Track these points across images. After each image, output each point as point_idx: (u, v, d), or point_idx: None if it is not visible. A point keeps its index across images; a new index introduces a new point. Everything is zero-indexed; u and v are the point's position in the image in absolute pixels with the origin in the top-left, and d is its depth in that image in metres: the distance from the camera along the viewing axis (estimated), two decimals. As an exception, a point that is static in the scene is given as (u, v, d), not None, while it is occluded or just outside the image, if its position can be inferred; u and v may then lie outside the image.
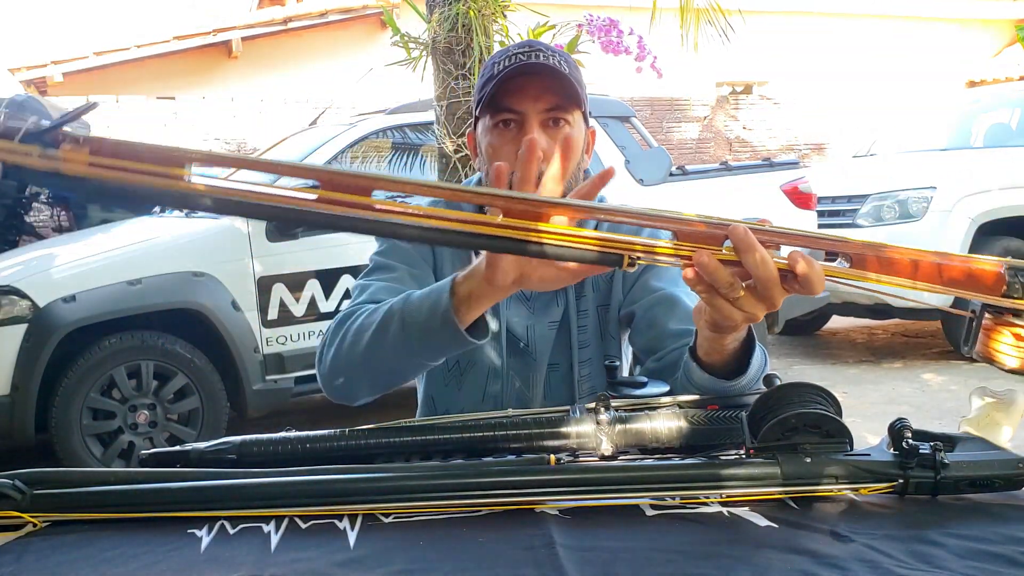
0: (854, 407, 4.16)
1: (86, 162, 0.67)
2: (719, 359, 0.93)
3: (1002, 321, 0.76)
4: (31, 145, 0.66)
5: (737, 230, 0.74)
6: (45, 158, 0.66)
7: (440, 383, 1.28)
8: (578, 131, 1.18)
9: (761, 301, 0.77)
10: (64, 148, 0.66)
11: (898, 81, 11.24)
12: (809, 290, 0.75)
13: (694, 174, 4.94)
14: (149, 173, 0.68)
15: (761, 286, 0.76)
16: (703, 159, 9.43)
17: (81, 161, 0.67)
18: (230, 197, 0.69)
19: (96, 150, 0.67)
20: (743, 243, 0.74)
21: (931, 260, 0.75)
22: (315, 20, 9.21)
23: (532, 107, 1.13)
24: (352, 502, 0.77)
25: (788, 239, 0.77)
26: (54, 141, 0.66)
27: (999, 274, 0.75)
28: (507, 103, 1.14)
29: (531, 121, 1.13)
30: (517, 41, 1.52)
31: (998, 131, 5.92)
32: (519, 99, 1.13)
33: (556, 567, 0.65)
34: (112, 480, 0.80)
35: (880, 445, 0.81)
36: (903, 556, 0.66)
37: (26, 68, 8.59)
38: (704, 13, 2.78)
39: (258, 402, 3.85)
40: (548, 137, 1.13)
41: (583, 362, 1.24)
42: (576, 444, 0.86)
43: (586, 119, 1.21)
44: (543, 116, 1.14)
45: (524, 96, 1.13)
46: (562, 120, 1.15)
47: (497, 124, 1.16)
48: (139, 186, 0.68)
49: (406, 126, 4.36)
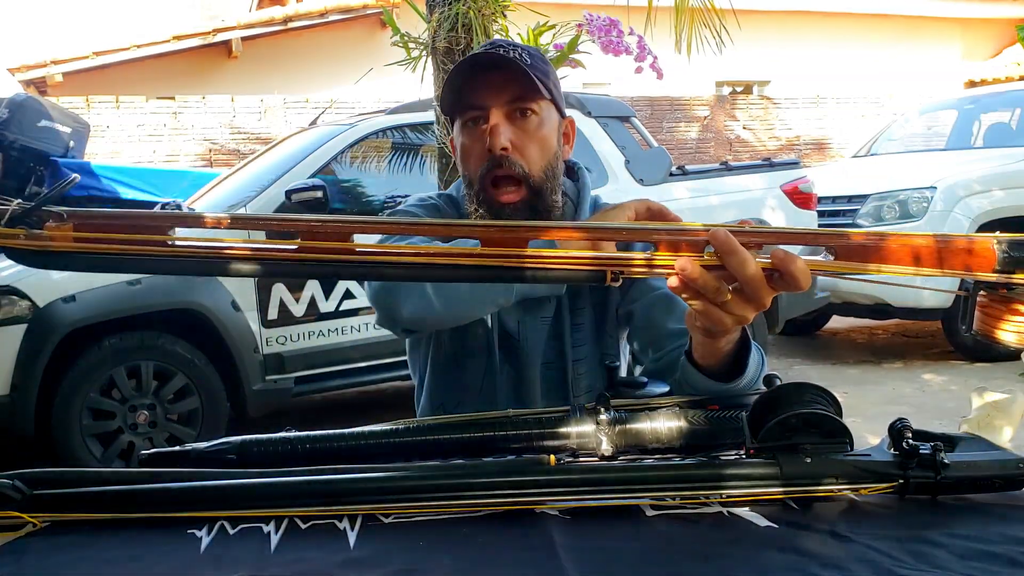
0: (854, 407, 4.16)
1: (72, 238, 0.69)
2: (715, 362, 0.93)
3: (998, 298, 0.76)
4: (17, 228, 0.68)
5: (717, 235, 0.74)
6: (32, 238, 0.68)
7: (436, 379, 1.29)
8: (549, 121, 1.18)
9: (749, 302, 0.77)
10: (49, 227, 0.68)
11: (898, 81, 11.24)
12: (796, 286, 0.75)
13: (694, 174, 4.94)
14: (134, 243, 0.70)
15: (747, 287, 0.76)
16: (703, 159, 9.43)
17: (67, 238, 0.69)
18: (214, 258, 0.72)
19: (80, 225, 0.69)
20: (724, 247, 0.74)
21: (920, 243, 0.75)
22: (315, 20, 9.21)
23: (495, 99, 1.14)
24: (352, 502, 0.77)
25: (769, 238, 0.76)
26: (39, 220, 0.68)
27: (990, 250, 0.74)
28: (470, 100, 1.15)
29: (495, 115, 1.14)
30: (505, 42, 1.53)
31: (998, 131, 5.92)
32: (481, 94, 1.14)
33: (556, 567, 0.65)
34: (112, 480, 0.80)
35: (880, 445, 0.81)
36: (903, 556, 0.66)
37: (26, 68, 8.59)
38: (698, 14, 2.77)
39: (258, 402, 3.85)
40: (516, 128, 1.14)
41: (580, 360, 1.24)
42: (576, 444, 0.86)
43: (560, 110, 1.21)
44: (507, 108, 1.14)
45: (487, 91, 1.14)
46: (528, 111, 1.15)
47: (466, 123, 1.17)
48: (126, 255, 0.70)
49: (406, 126, 4.36)
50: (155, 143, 8.09)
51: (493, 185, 1.15)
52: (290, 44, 9.35)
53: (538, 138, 1.16)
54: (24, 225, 0.68)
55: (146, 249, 0.70)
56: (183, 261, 0.72)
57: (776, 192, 4.87)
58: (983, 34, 12.09)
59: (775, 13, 10.66)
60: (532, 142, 1.15)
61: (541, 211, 1.16)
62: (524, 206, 1.15)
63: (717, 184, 4.89)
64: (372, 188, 4.43)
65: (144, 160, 7.85)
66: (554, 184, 1.18)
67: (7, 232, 0.68)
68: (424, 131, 4.21)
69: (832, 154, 10.28)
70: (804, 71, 11.19)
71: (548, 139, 1.17)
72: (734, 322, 0.80)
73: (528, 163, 1.15)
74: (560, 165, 1.21)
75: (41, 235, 0.69)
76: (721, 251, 0.74)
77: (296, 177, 3.95)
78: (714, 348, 0.90)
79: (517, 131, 1.14)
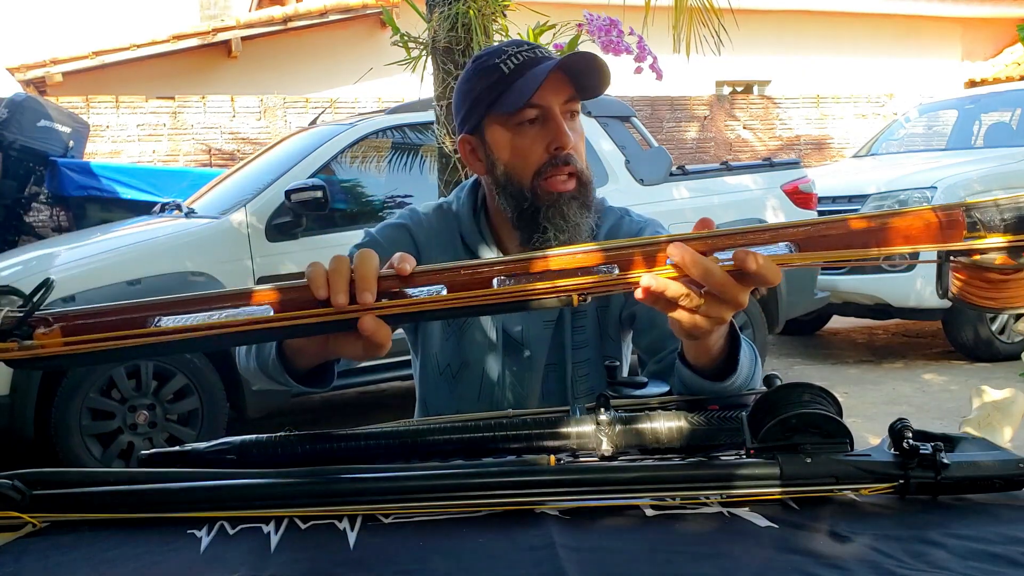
0: (854, 407, 4.16)
1: (61, 342, 0.74)
2: (707, 361, 0.93)
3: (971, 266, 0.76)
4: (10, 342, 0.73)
5: (672, 252, 0.74)
6: (24, 349, 0.73)
7: (432, 386, 1.28)
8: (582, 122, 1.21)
9: (723, 304, 0.77)
10: (38, 335, 0.73)
11: (898, 81, 11.24)
12: (766, 282, 0.75)
13: (694, 174, 4.94)
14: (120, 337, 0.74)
15: (717, 292, 0.76)
16: (703, 159, 9.43)
17: (56, 343, 0.73)
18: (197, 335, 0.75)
19: (67, 328, 0.74)
20: (683, 261, 0.74)
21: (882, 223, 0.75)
22: (315, 20, 9.21)
23: (554, 99, 1.15)
24: (352, 502, 0.77)
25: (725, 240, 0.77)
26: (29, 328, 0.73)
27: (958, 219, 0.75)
28: (533, 99, 1.14)
29: (557, 114, 1.15)
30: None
31: (998, 131, 5.92)
32: (540, 93, 1.13)
33: (556, 567, 0.65)
34: (112, 480, 0.80)
35: (880, 445, 0.81)
36: (903, 556, 0.66)
37: (26, 68, 8.59)
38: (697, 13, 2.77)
39: (258, 402, 3.85)
40: (569, 127, 1.16)
41: (581, 362, 1.24)
42: (576, 444, 0.86)
43: None
44: (563, 108, 1.16)
45: (544, 90, 1.13)
46: (576, 112, 1.18)
47: (520, 124, 1.16)
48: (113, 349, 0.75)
49: (406, 126, 4.36)
50: (155, 143, 8.09)
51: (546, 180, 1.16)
52: (290, 44, 9.36)
53: (582, 137, 1.19)
54: (15, 337, 0.73)
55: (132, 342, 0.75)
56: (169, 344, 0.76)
57: (776, 192, 4.87)
58: (983, 34, 12.09)
59: (775, 13, 10.66)
60: (580, 141, 1.18)
61: (589, 205, 1.18)
62: (579, 196, 1.17)
63: (717, 184, 4.89)
64: (372, 188, 4.43)
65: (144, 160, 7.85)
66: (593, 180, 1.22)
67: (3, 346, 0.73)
68: (424, 131, 4.21)
69: (832, 154, 10.28)
70: (804, 71, 11.19)
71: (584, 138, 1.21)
72: (711, 324, 0.80)
73: (581, 160, 1.18)
74: None
75: (32, 345, 0.73)
76: (681, 265, 0.75)
77: (296, 177, 3.95)
78: (703, 348, 0.91)
79: (571, 130, 1.17)
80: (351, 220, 4.29)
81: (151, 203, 5.25)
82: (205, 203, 4.41)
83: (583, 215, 1.17)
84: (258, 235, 3.83)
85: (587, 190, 1.18)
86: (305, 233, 3.90)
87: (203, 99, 8.28)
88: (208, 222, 3.96)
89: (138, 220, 4.60)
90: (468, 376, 1.25)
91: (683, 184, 4.77)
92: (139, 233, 4.09)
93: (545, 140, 1.15)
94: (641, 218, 1.29)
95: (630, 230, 1.26)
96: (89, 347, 0.74)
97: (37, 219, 7.07)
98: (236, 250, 3.81)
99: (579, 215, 1.16)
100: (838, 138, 10.48)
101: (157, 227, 4.14)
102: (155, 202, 5.04)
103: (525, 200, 1.17)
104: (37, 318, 0.74)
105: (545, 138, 1.15)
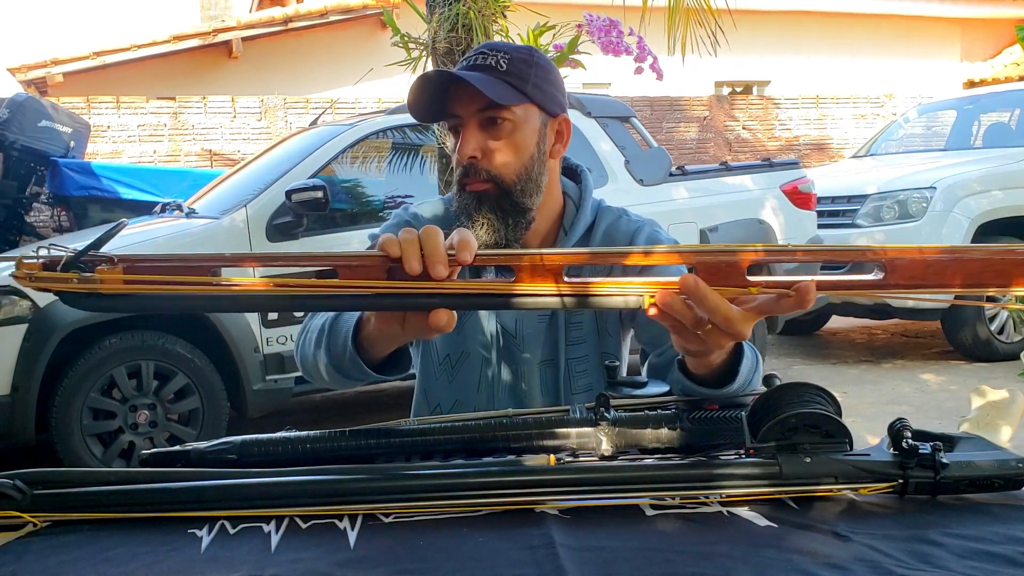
0: (854, 407, 4.16)
1: (122, 280, 0.73)
2: (706, 372, 0.93)
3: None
4: (71, 273, 0.72)
5: (687, 283, 0.74)
6: (84, 281, 0.72)
7: (432, 376, 1.29)
8: (526, 124, 1.19)
9: (725, 334, 0.77)
10: (100, 270, 0.72)
11: (898, 81, 11.24)
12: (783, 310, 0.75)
13: (694, 174, 4.94)
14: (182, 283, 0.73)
15: (721, 326, 0.76)
16: (703, 159, 9.43)
17: (117, 280, 0.73)
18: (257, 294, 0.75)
19: (130, 268, 0.73)
20: (694, 293, 0.74)
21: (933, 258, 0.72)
22: (315, 20, 9.22)
23: (465, 110, 1.17)
24: (352, 502, 0.77)
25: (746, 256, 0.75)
26: (90, 264, 0.72)
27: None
28: (447, 108, 1.19)
29: (466, 124, 1.18)
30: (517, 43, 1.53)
31: (998, 131, 5.92)
32: (456, 103, 1.18)
33: (556, 567, 0.65)
34: (112, 480, 0.80)
35: (880, 445, 0.81)
36: (903, 556, 0.66)
37: (26, 68, 8.60)
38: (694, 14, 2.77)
39: (258, 402, 3.85)
40: (488, 135, 1.17)
41: (579, 359, 1.25)
42: (576, 444, 0.86)
43: (548, 111, 1.22)
44: (478, 117, 1.17)
45: (459, 100, 1.17)
46: (499, 118, 1.17)
47: (449, 132, 1.22)
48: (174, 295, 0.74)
49: (406, 126, 4.36)
50: (155, 143, 8.09)
51: (464, 185, 1.19)
52: (290, 44, 9.36)
53: (511, 144, 1.18)
54: (76, 269, 0.72)
55: (193, 289, 0.74)
56: (229, 298, 0.76)
57: (776, 192, 4.87)
58: (983, 34, 12.09)
59: (775, 13, 10.66)
60: (503, 148, 1.18)
61: (507, 208, 1.18)
62: (490, 198, 1.18)
63: (717, 184, 4.89)
64: (372, 188, 4.43)
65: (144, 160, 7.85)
66: (529, 186, 1.20)
67: (61, 276, 0.72)
68: (424, 131, 4.21)
69: (832, 154, 10.28)
70: (804, 71, 11.19)
71: (523, 143, 1.19)
72: (713, 347, 0.81)
73: (498, 168, 1.17)
74: (541, 167, 1.21)
75: (92, 278, 0.72)
76: (692, 298, 0.74)
77: (296, 177, 3.95)
78: (703, 362, 0.91)
79: (488, 138, 1.17)
80: (351, 220, 4.30)
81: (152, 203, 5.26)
82: (206, 203, 4.41)
83: (496, 217, 1.17)
84: (259, 235, 3.83)
85: (508, 195, 1.18)
86: (305, 233, 3.90)
87: (204, 99, 8.29)
88: (209, 222, 3.96)
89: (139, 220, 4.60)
90: (468, 366, 1.26)
91: (682, 184, 4.77)
92: (139, 233, 4.09)
93: (464, 147, 1.18)
94: (639, 218, 1.30)
95: (627, 230, 1.27)
96: (150, 288, 0.73)
97: (38, 219, 7.07)
98: (236, 250, 3.81)
99: (491, 216, 1.17)
100: (837, 138, 10.48)
101: (158, 227, 4.14)
102: (156, 202, 5.04)
103: (459, 203, 1.21)
104: (100, 256, 0.73)
105: (464, 145, 1.18)
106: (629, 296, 0.76)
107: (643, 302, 0.76)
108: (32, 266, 0.72)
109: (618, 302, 0.77)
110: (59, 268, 0.72)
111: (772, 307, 0.75)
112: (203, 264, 0.74)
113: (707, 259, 0.74)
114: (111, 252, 0.73)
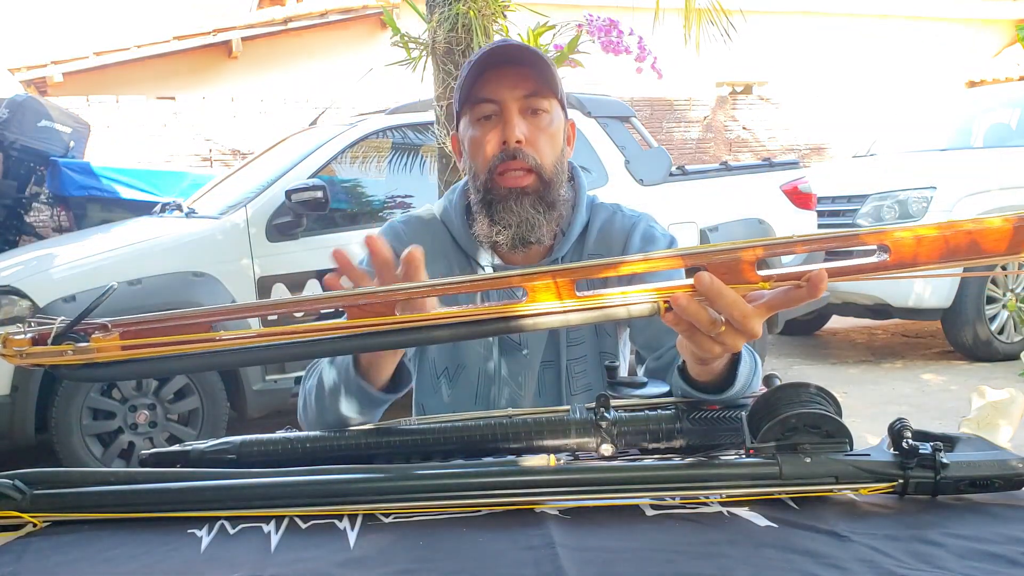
0: (854, 407, 4.16)
1: (119, 347, 0.70)
2: (708, 378, 0.93)
3: None
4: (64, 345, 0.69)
5: (702, 280, 0.73)
6: (79, 352, 0.69)
7: (429, 389, 1.28)
8: (557, 119, 1.19)
9: (740, 334, 0.77)
10: (95, 339, 0.69)
11: (898, 81, 11.24)
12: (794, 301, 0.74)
13: (694, 174, 4.94)
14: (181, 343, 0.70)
15: (736, 324, 0.75)
16: (703, 159, 9.43)
17: (114, 347, 0.69)
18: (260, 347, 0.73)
19: (126, 333, 0.70)
20: (709, 291, 0.73)
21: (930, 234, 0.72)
22: (315, 20, 9.21)
23: (509, 95, 1.15)
24: (352, 502, 0.77)
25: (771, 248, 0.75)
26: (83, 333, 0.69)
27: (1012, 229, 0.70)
28: (484, 93, 1.16)
29: (510, 109, 1.15)
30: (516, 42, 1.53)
31: (998, 131, 5.92)
32: (495, 88, 1.15)
33: (556, 567, 0.65)
34: (112, 480, 0.80)
35: (880, 445, 0.81)
36: (903, 556, 0.66)
37: (26, 68, 8.59)
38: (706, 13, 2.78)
39: (258, 402, 3.85)
40: (530, 123, 1.16)
41: (578, 359, 1.24)
42: (576, 444, 0.86)
43: (564, 110, 1.22)
44: (521, 103, 1.16)
45: (500, 85, 1.15)
46: (540, 108, 1.17)
47: (479, 119, 1.18)
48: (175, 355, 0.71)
49: (406, 126, 4.36)
50: (155, 143, 8.09)
51: (500, 174, 1.16)
52: (290, 44, 9.35)
53: (549, 134, 1.18)
54: (70, 340, 0.69)
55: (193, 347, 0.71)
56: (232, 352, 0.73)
57: (776, 192, 4.87)
58: (983, 34, 12.09)
59: (775, 13, 10.66)
60: (544, 137, 1.17)
61: (548, 202, 1.18)
62: (533, 192, 1.16)
63: (717, 184, 4.89)
64: (372, 188, 4.43)
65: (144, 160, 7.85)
66: (562, 179, 1.20)
67: (54, 350, 0.69)
68: (424, 131, 4.21)
69: (832, 154, 10.28)
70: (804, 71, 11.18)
71: (557, 136, 1.19)
72: (724, 350, 0.81)
73: (540, 156, 1.16)
74: (565, 164, 1.23)
75: (88, 348, 0.69)
76: (707, 296, 0.74)
77: (296, 177, 3.95)
78: (707, 368, 0.90)
79: (530, 126, 1.16)
80: (351, 220, 4.30)
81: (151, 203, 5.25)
82: (205, 203, 4.41)
83: (538, 212, 1.16)
84: (259, 235, 3.83)
85: (548, 188, 1.17)
86: (305, 233, 3.90)
87: (204, 99, 8.28)
88: (208, 222, 3.96)
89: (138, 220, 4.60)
90: (465, 378, 1.25)
91: (682, 184, 4.77)
92: (139, 233, 4.09)
93: (500, 135, 1.15)
94: (633, 213, 1.29)
95: (623, 225, 1.26)
96: (149, 351, 0.70)
97: (38, 219, 7.07)
98: (236, 250, 3.81)
99: (532, 212, 1.16)
100: (838, 138, 10.48)
101: (158, 227, 4.14)
102: (155, 202, 5.04)
103: (483, 193, 1.18)
104: (94, 323, 0.70)
105: (500, 133, 1.16)
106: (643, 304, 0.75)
107: (658, 308, 0.75)
108: (21, 342, 0.69)
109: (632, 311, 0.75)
110: (50, 341, 0.69)
111: (781, 301, 0.75)
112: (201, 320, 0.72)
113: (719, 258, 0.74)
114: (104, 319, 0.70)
